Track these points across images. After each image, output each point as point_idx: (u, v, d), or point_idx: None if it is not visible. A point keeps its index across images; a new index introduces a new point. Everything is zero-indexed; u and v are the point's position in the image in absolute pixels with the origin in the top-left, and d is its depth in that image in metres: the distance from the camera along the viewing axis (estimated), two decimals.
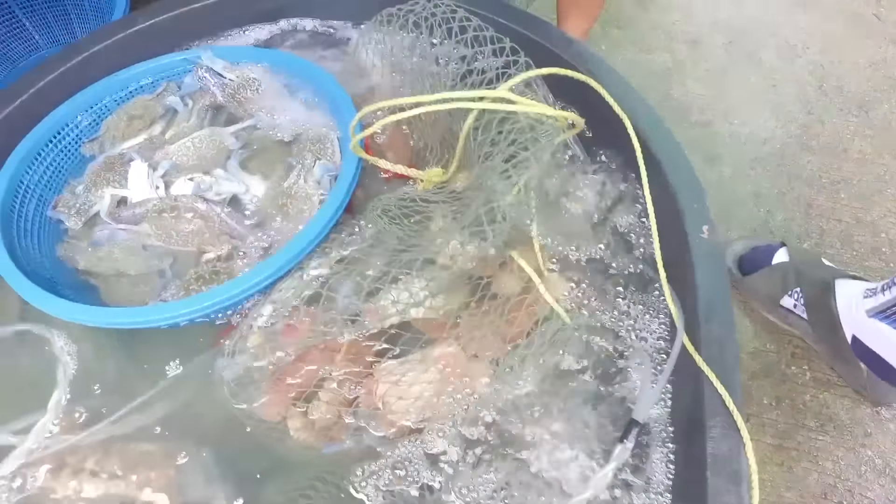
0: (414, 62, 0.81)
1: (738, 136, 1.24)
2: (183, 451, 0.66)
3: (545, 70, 0.68)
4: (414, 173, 0.76)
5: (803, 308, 0.98)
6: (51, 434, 0.65)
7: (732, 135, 1.24)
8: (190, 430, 0.67)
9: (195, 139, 0.85)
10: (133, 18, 0.92)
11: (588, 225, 0.78)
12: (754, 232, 1.12)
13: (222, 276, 0.74)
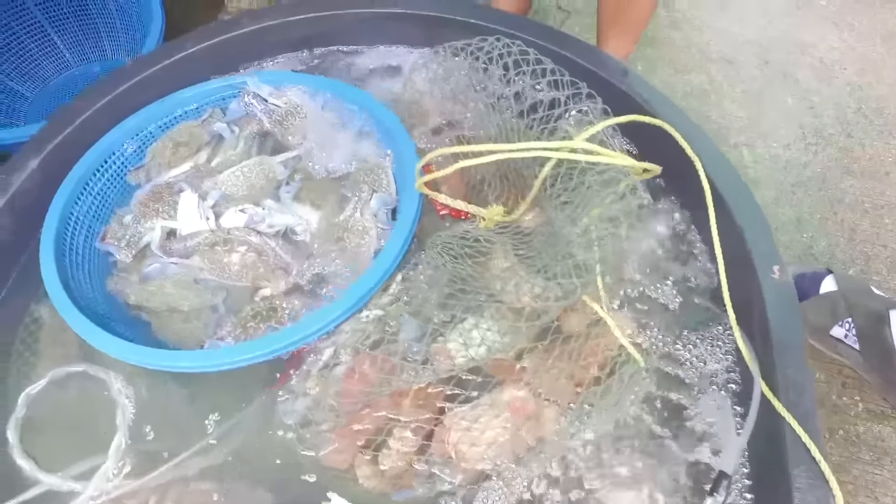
0: (476, 95, 0.79)
1: (778, 159, 1.22)
2: (242, 495, 0.65)
3: (623, 118, 0.66)
4: (475, 210, 0.74)
5: (855, 338, 0.96)
6: (111, 479, 0.63)
7: (772, 158, 1.22)
8: (249, 473, 0.66)
9: (244, 168, 0.83)
10: (180, 44, 0.90)
11: (651, 263, 0.76)
12: (798, 259, 1.11)
13: (280, 314, 0.72)
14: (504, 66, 0.73)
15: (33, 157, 0.80)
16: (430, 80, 0.86)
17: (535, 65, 0.71)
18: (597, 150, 0.62)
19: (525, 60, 0.72)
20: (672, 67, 1.37)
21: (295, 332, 0.63)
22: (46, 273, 0.69)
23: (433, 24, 0.88)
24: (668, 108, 0.77)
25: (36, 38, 1.37)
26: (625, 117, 0.66)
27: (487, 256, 0.76)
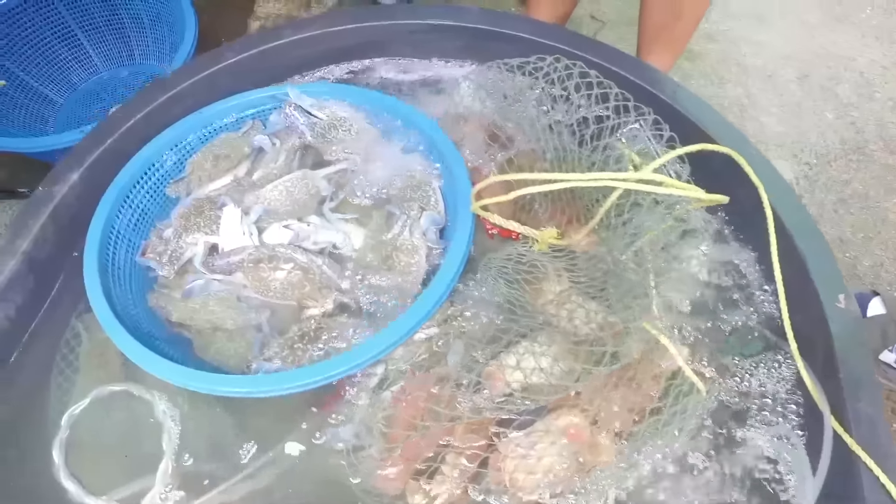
0: (526, 113, 0.77)
1: (819, 175, 1.20)
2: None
3: (692, 148, 0.64)
4: (528, 232, 0.72)
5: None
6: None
7: (812, 174, 1.20)
8: (296, 498, 0.64)
9: (287, 182, 0.81)
10: (220, 54, 0.89)
11: (706, 289, 0.74)
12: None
13: (328, 334, 0.70)
14: (563, 87, 0.71)
15: (75, 170, 0.79)
16: (478, 95, 0.84)
17: (594, 88, 0.69)
18: (666, 181, 0.60)
19: (585, 83, 0.71)
20: (708, 80, 1.35)
21: (352, 357, 0.61)
22: (92, 291, 0.67)
23: (481, 37, 0.86)
24: (726, 128, 0.75)
25: (67, 43, 1.37)
26: (694, 146, 0.64)
27: (540, 279, 0.74)
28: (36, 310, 0.75)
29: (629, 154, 0.70)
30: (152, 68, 1.44)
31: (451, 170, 0.76)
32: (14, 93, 1.29)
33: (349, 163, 0.83)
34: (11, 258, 0.71)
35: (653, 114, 0.67)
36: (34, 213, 0.74)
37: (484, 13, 0.88)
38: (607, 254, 0.76)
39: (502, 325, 0.71)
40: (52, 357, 0.74)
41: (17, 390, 0.71)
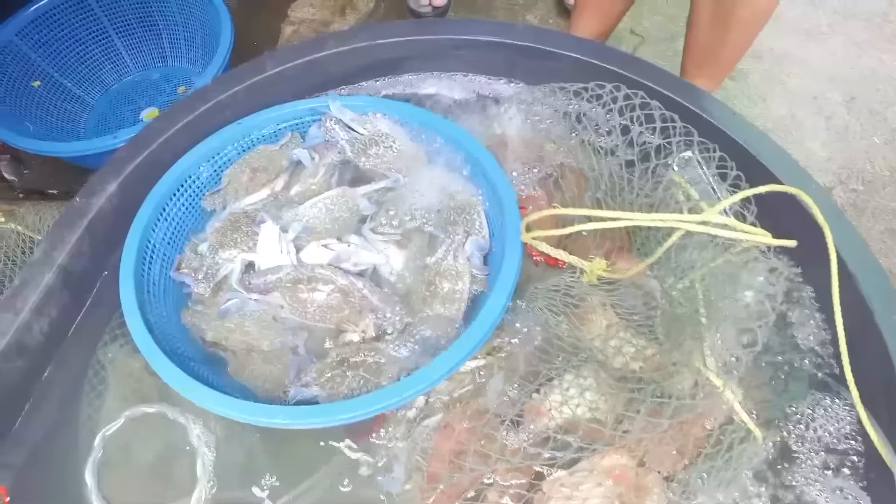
0: (576, 137, 0.75)
1: (866, 204, 1.16)
2: None
3: (762, 189, 0.61)
4: (577, 263, 0.70)
5: None
6: None
7: (857, 204, 1.16)
8: None
9: (327, 200, 0.79)
10: (260, 64, 0.87)
11: (762, 328, 0.71)
12: None
13: (367, 361, 0.68)
14: (619, 111, 0.68)
15: (112, 180, 0.77)
16: (525, 115, 0.82)
17: (657, 121, 0.66)
18: (734, 224, 0.57)
19: (646, 115, 0.68)
20: (750, 100, 1.31)
21: (397, 391, 0.59)
22: (129, 311, 0.66)
23: (528, 55, 0.84)
24: (788, 164, 0.72)
25: (101, 44, 1.36)
26: (763, 188, 0.61)
27: (587, 312, 0.71)
28: (69, 324, 0.73)
29: (686, 188, 0.67)
30: (184, 71, 1.43)
31: (497, 193, 0.73)
32: (47, 93, 1.28)
33: (390, 181, 0.81)
34: (48, 271, 0.69)
35: (718, 150, 0.63)
36: (70, 225, 0.73)
37: (531, 30, 0.85)
38: (656, 287, 0.74)
39: (546, 358, 0.69)
40: (85, 373, 0.73)
41: (48, 406, 0.69)
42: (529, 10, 1.51)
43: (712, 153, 0.65)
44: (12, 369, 0.66)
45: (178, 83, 1.42)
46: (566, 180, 0.78)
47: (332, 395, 0.66)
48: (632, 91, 0.66)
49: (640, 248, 0.75)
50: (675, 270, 0.70)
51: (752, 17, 0.96)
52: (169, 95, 1.40)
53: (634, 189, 0.73)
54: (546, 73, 0.82)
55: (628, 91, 0.66)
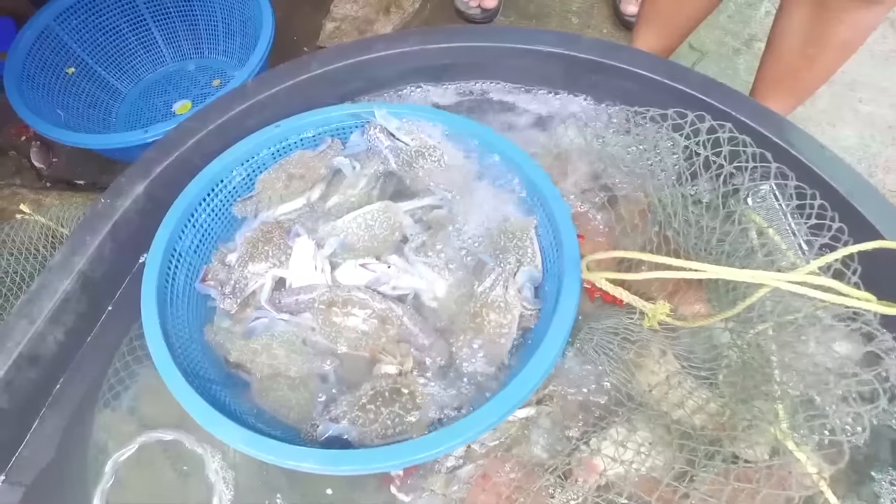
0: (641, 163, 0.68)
1: None
2: None
3: (868, 245, 0.53)
4: (639, 304, 0.63)
5: None
6: None
7: None
8: None
9: (367, 215, 0.73)
10: (304, 64, 0.81)
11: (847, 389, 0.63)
12: None
13: (405, 398, 0.62)
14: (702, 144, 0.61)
15: (140, 182, 0.72)
16: (585, 134, 0.75)
17: (748, 159, 0.59)
18: (837, 287, 0.49)
19: (731, 152, 0.61)
20: (818, 126, 1.22)
21: (441, 440, 0.53)
22: (150, 332, 0.60)
23: (593, 69, 0.77)
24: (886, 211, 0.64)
25: (138, 32, 1.32)
26: (869, 244, 0.53)
27: (644, 356, 0.65)
28: (86, 333, 0.69)
29: (760, 224, 0.60)
30: (220, 63, 1.39)
31: (555, 222, 0.66)
32: (81, 80, 1.25)
33: (436, 198, 0.75)
34: (67, 277, 0.65)
35: (819, 198, 0.56)
36: (93, 229, 0.68)
37: (597, 43, 0.78)
38: (723, 335, 0.67)
39: (598, 407, 0.62)
40: (99, 386, 0.68)
41: (59, 421, 0.65)
42: (583, 17, 1.44)
43: (814, 201, 0.57)
44: (24, 381, 0.61)
45: (213, 76, 1.37)
46: (627, 210, 0.71)
47: (363, 433, 0.60)
48: (717, 123, 0.59)
49: (711, 295, 0.68)
50: (746, 318, 0.63)
51: (853, 38, 0.88)
52: (203, 88, 1.35)
53: (704, 229, 0.66)
54: (614, 90, 0.76)
55: (713, 123, 0.59)
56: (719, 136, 0.59)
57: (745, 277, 0.50)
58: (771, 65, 0.99)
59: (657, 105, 0.70)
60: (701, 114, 0.60)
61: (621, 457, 0.59)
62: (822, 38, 0.88)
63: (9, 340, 0.60)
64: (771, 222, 0.68)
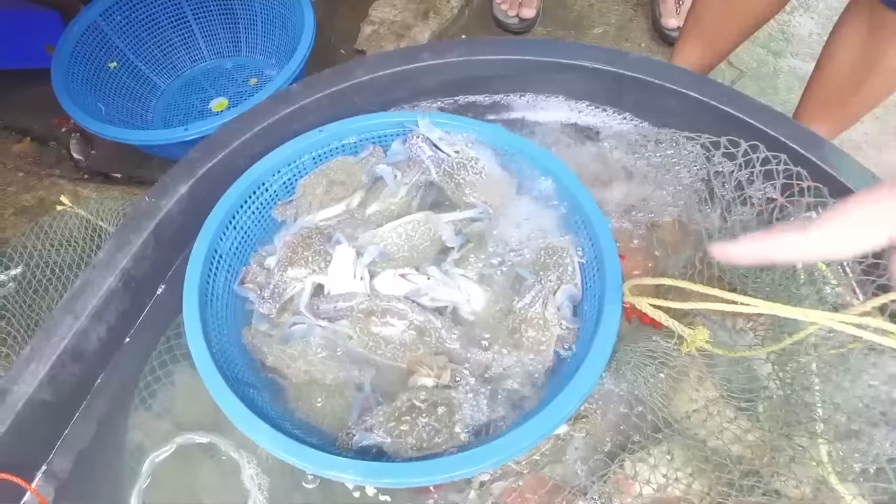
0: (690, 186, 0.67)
1: None
2: None
3: None
4: (678, 329, 0.62)
5: None
6: None
7: None
8: None
9: (408, 225, 0.73)
10: (349, 70, 0.81)
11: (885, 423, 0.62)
12: None
13: (441, 411, 0.61)
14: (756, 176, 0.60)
15: (183, 182, 0.73)
16: (631, 152, 0.74)
17: (805, 193, 0.58)
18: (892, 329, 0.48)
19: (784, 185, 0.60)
20: (859, 150, 1.20)
21: (479, 457, 0.53)
22: (192, 336, 0.60)
23: (637, 88, 0.76)
24: None
25: (179, 29, 1.34)
26: None
27: (683, 383, 0.64)
28: (127, 330, 0.69)
29: (825, 272, 0.59)
30: (257, 62, 1.40)
31: (597, 241, 0.66)
32: (122, 75, 1.26)
33: (477, 211, 0.75)
34: (110, 274, 0.65)
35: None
36: (137, 228, 0.68)
37: (644, 61, 0.77)
38: (763, 364, 0.66)
39: (634, 429, 0.62)
40: (136, 384, 0.68)
41: (98, 417, 0.65)
42: (622, 30, 1.43)
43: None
44: (67, 375, 0.62)
45: (250, 75, 1.38)
46: (670, 233, 0.71)
47: (398, 445, 0.60)
48: (772, 154, 0.58)
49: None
50: (791, 350, 0.62)
51: None
52: (240, 87, 1.36)
53: None
54: (660, 110, 0.75)
55: (768, 154, 0.58)
56: (772, 168, 0.58)
57: (797, 315, 0.49)
58: (818, 87, 0.98)
59: (705, 126, 0.69)
60: (755, 143, 0.59)
61: (657, 481, 0.59)
62: (874, 61, 0.87)
63: (54, 335, 0.61)
64: None
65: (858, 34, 0.89)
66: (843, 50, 0.91)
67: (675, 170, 0.71)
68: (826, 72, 0.96)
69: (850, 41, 0.90)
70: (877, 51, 0.87)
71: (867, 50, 0.87)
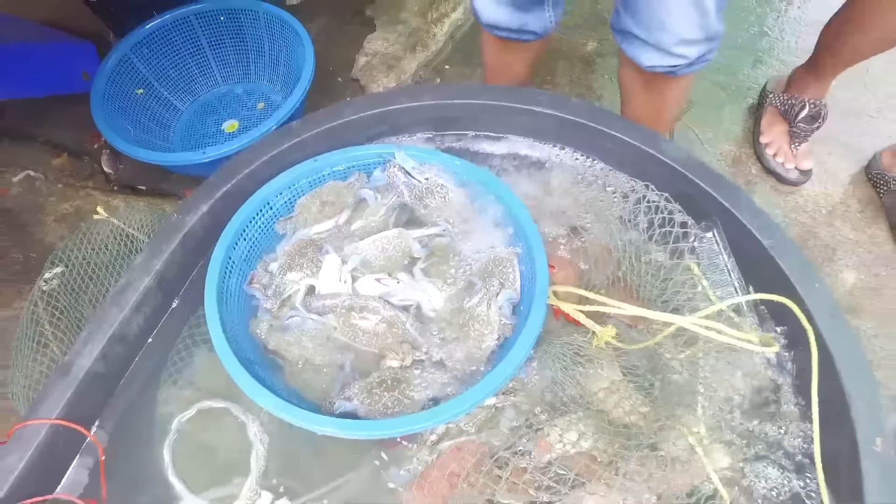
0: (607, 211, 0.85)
1: (884, 287, 1.22)
2: None
3: (753, 296, 0.71)
4: (591, 325, 0.80)
5: None
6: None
7: (877, 286, 1.22)
8: None
9: (384, 238, 0.91)
10: (339, 110, 0.99)
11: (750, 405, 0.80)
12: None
13: (403, 385, 0.79)
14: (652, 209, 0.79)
15: (204, 202, 0.90)
16: (572, 184, 0.92)
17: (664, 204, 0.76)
18: (722, 329, 0.66)
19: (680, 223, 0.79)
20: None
21: (431, 416, 0.71)
22: (211, 322, 0.78)
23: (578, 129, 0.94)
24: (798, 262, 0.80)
25: (196, 59, 1.52)
26: (754, 295, 0.70)
27: (595, 365, 0.81)
28: (158, 320, 0.87)
29: (699, 277, 0.77)
30: (265, 88, 1.58)
31: (532, 254, 0.83)
32: (147, 100, 1.45)
33: (440, 228, 0.92)
34: (147, 275, 0.83)
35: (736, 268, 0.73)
36: (167, 239, 0.86)
37: (582, 106, 0.95)
38: (659, 355, 0.83)
39: (554, 402, 0.79)
40: (164, 363, 0.86)
41: (136, 387, 0.83)
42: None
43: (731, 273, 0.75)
44: (114, 354, 0.79)
45: (258, 99, 1.56)
46: (593, 250, 0.88)
47: (369, 410, 0.77)
48: (660, 193, 0.76)
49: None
50: (678, 343, 0.80)
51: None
52: (249, 110, 1.54)
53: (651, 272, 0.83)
54: (597, 147, 0.93)
55: (657, 193, 0.76)
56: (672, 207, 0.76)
57: (656, 317, 0.67)
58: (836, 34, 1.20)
59: (628, 163, 0.87)
60: (647, 184, 0.77)
61: (569, 440, 0.76)
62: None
63: (105, 323, 0.79)
64: (711, 263, 0.85)
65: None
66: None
67: (602, 199, 0.89)
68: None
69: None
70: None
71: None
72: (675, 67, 0.99)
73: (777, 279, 0.79)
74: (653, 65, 1.00)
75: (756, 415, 0.78)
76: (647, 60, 1.00)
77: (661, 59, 0.98)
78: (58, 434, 0.73)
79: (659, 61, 0.98)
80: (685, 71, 1.00)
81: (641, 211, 0.86)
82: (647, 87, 1.12)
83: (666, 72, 1.01)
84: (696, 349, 0.79)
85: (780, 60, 1.59)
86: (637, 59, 1.02)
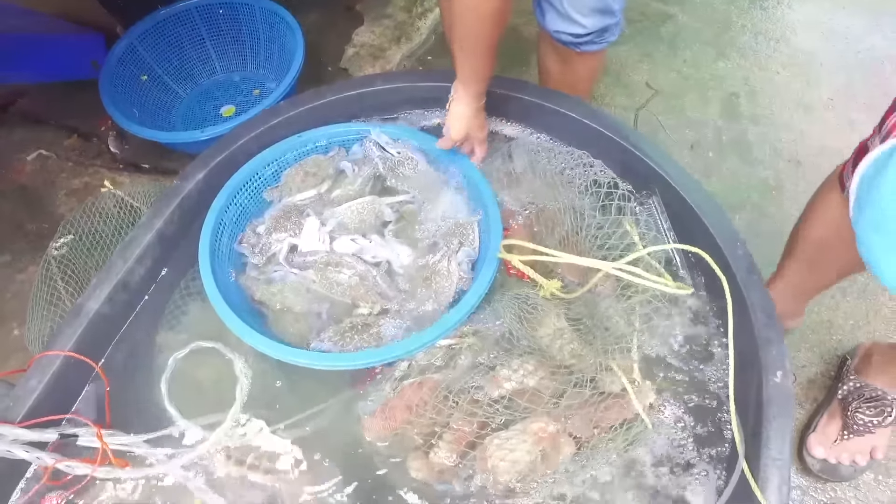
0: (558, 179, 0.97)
1: None
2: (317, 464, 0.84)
3: (668, 246, 0.82)
4: (538, 279, 0.91)
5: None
6: (228, 434, 0.83)
7: None
8: (326, 447, 0.85)
9: (359, 204, 1.02)
10: (321, 93, 1.10)
11: (676, 347, 0.90)
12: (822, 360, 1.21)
13: (372, 329, 0.90)
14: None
15: (200, 171, 1.01)
16: (523, 154, 1.03)
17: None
18: (640, 273, 0.77)
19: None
20: (741, 158, 1.48)
21: (392, 350, 0.82)
22: (204, 270, 0.90)
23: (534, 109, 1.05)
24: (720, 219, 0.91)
25: (197, 48, 1.64)
26: (664, 246, 0.82)
27: (542, 315, 0.92)
28: (158, 271, 0.98)
29: (633, 233, 0.88)
30: (260, 76, 1.69)
31: (488, 216, 0.94)
32: (151, 86, 1.56)
33: (410, 196, 1.04)
34: (149, 232, 0.94)
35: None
36: (167, 202, 0.98)
37: (537, 90, 1.06)
38: (599, 304, 0.94)
39: (506, 346, 0.90)
40: (163, 310, 0.98)
41: (138, 331, 0.94)
42: None
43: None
44: (120, 299, 0.91)
45: (253, 86, 1.68)
46: (544, 215, 0.99)
47: (341, 350, 0.88)
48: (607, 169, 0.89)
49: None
50: (619, 297, 0.91)
51: None
52: (245, 96, 1.66)
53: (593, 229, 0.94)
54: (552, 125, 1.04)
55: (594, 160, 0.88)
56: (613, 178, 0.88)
57: (585, 263, 0.79)
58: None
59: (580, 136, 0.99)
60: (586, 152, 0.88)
61: (518, 379, 0.87)
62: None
63: (111, 272, 0.90)
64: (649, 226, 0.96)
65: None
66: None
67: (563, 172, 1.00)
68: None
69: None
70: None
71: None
72: (578, 39, 1.10)
73: (706, 241, 0.90)
74: (558, 29, 1.10)
75: (683, 357, 0.90)
76: (552, 25, 1.11)
77: (565, 26, 1.09)
78: (70, 365, 0.84)
79: (564, 27, 1.09)
80: (589, 47, 1.12)
81: (590, 181, 0.97)
82: (562, 63, 1.22)
83: (571, 43, 1.12)
84: (632, 301, 0.90)
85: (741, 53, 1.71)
86: (546, 26, 1.12)
